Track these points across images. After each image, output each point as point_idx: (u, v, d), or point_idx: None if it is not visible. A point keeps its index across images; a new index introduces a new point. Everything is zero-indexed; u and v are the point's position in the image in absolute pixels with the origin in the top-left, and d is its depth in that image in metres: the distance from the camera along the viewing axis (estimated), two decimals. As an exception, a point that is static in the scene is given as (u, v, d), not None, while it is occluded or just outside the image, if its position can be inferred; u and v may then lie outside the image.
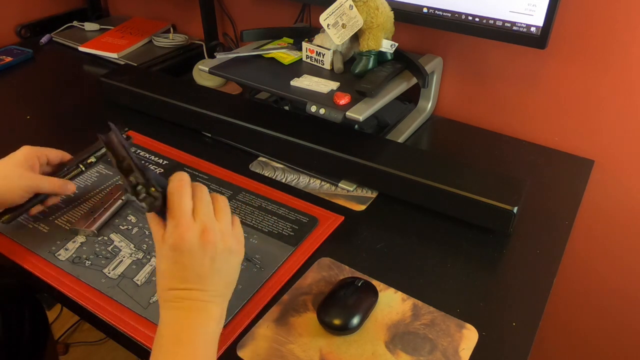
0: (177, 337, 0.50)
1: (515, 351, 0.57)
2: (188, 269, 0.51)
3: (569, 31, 0.84)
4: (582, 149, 0.92)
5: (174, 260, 0.51)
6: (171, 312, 0.51)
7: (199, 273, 0.52)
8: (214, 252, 0.52)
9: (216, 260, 0.52)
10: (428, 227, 0.74)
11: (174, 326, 0.51)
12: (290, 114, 0.92)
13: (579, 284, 1.06)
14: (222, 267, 0.53)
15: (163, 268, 0.52)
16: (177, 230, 0.51)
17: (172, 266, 0.52)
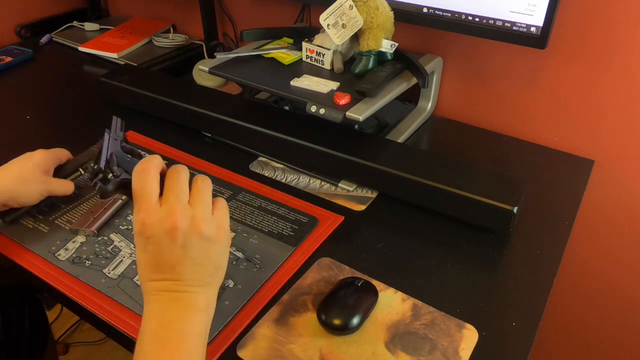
0: (154, 334, 0.47)
1: (515, 351, 0.57)
2: (157, 258, 0.48)
3: (569, 31, 0.84)
4: (582, 149, 0.92)
5: (143, 248, 0.49)
6: (149, 305, 0.49)
7: (169, 261, 0.48)
8: (183, 239, 0.48)
9: (188, 247, 0.48)
10: (428, 227, 0.74)
11: (151, 322, 0.48)
12: (290, 114, 0.92)
13: (579, 284, 1.06)
14: (197, 255, 0.49)
15: (138, 258, 0.50)
16: (138, 217, 0.48)
17: (143, 255, 0.49)
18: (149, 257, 0.49)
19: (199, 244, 0.49)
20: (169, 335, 0.47)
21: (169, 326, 0.47)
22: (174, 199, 0.50)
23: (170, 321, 0.48)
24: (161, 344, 0.47)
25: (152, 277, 0.49)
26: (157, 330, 0.47)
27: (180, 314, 0.48)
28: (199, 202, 0.51)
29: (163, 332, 0.47)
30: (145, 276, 0.50)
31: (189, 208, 0.50)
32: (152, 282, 0.49)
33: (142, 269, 0.50)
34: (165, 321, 0.48)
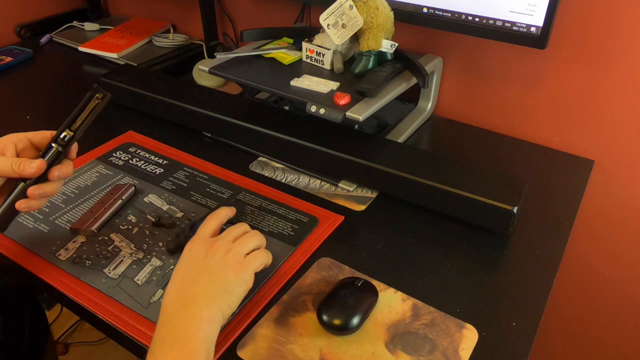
0: (163, 339, 0.51)
1: (515, 351, 0.57)
2: (187, 271, 0.57)
3: (569, 31, 0.84)
4: (582, 149, 0.92)
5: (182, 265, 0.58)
6: (162, 316, 0.54)
7: (192, 275, 0.56)
8: (212, 258, 0.57)
9: (211, 266, 0.57)
10: (428, 227, 0.74)
11: (160, 329, 0.52)
12: (290, 114, 0.92)
13: (579, 283, 1.06)
14: (213, 274, 0.56)
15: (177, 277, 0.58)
16: (193, 238, 0.60)
17: (178, 274, 0.58)
18: (182, 275, 0.57)
19: (219, 264, 0.57)
20: (175, 339, 0.50)
21: (175, 331, 0.51)
22: (225, 235, 0.61)
23: (177, 327, 0.52)
24: (169, 346, 0.50)
25: (175, 289, 0.56)
26: (165, 335, 0.51)
27: (186, 319, 0.52)
28: (241, 242, 0.60)
29: (170, 337, 0.51)
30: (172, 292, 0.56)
31: (230, 243, 0.60)
32: (172, 296, 0.55)
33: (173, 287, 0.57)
34: (171, 327, 0.52)
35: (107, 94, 0.62)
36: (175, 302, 0.54)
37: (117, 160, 0.86)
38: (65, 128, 0.61)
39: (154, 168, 0.85)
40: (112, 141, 0.91)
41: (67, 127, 0.61)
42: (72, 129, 0.61)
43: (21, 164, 0.59)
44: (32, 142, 0.63)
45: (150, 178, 0.82)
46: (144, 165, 0.85)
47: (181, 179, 0.82)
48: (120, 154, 0.88)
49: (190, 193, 0.79)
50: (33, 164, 0.59)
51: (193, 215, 0.74)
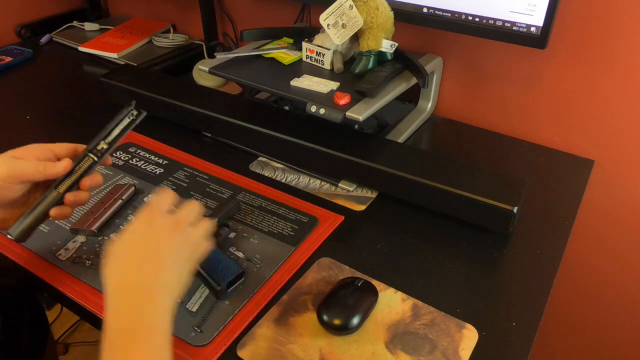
0: (125, 329, 0.49)
1: (515, 351, 0.57)
2: (151, 250, 0.54)
3: (569, 31, 0.84)
4: (582, 149, 0.92)
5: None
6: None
7: (158, 258, 0.54)
8: (176, 243, 0.55)
9: (178, 253, 0.54)
10: (428, 227, 0.74)
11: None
12: (290, 114, 0.92)
13: (579, 283, 1.06)
14: (178, 264, 0.55)
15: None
16: (151, 207, 0.56)
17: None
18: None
19: (184, 255, 0.55)
20: (141, 329, 0.50)
21: (141, 321, 0.51)
22: (185, 217, 0.58)
23: (142, 317, 0.51)
24: (134, 338, 0.49)
25: (136, 265, 0.54)
26: (129, 325, 0.50)
27: (154, 310, 0.52)
28: (198, 231, 0.58)
29: (133, 327, 0.50)
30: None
31: (190, 229, 0.57)
32: (133, 274, 0.54)
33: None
34: (135, 316, 0.51)
35: (142, 112, 0.65)
36: (138, 285, 0.51)
37: (117, 160, 0.86)
38: (101, 140, 0.62)
39: (154, 168, 0.85)
40: (112, 141, 0.91)
41: (103, 139, 0.62)
42: (107, 142, 0.63)
43: (46, 165, 0.59)
44: (54, 152, 0.62)
45: (150, 178, 0.82)
46: (144, 165, 0.85)
47: (181, 179, 0.82)
48: (120, 154, 0.88)
49: (190, 193, 0.79)
50: (59, 164, 0.59)
51: (193, 215, 0.74)
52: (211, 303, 0.61)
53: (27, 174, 0.58)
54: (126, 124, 0.63)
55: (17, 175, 0.57)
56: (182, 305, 0.61)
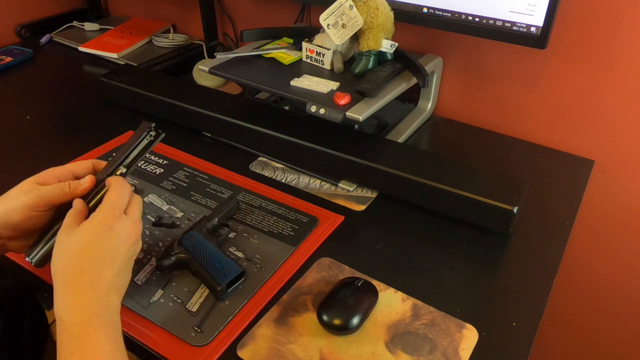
0: (88, 321, 0.50)
1: (515, 351, 0.57)
2: (113, 253, 0.54)
3: (570, 31, 0.84)
4: (582, 149, 0.92)
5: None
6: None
7: (118, 261, 0.55)
8: (131, 247, 0.56)
9: (129, 257, 0.56)
10: (428, 227, 0.74)
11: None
12: (290, 114, 0.92)
13: (579, 283, 1.06)
14: (128, 265, 0.56)
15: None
16: (115, 214, 0.56)
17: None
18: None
19: (131, 255, 0.57)
20: (107, 322, 0.52)
21: (102, 317, 0.52)
22: (134, 214, 0.58)
23: (101, 313, 0.53)
24: (100, 329, 0.51)
25: (96, 265, 0.54)
26: (90, 318, 0.52)
27: (111, 306, 0.54)
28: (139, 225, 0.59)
29: (97, 321, 0.51)
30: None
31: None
32: (94, 271, 0.54)
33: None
34: (96, 311, 0.52)
35: (161, 132, 0.64)
36: (94, 284, 0.51)
37: (117, 160, 0.86)
38: (120, 164, 0.61)
39: (154, 168, 0.85)
40: (112, 141, 0.91)
41: (121, 163, 0.61)
42: (125, 164, 0.61)
43: (72, 184, 0.58)
44: (74, 174, 0.61)
45: (150, 178, 0.82)
46: (144, 165, 0.85)
47: (181, 179, 0.82)
48: (120, 154, 0.88)
49: (190, 193, 0.79)
50: (84, 181, 0.59)
51: (193, 215, 0.74)
52: (211, 303, 0.61)
53: (55, 198, 0.57)
54: (144, 145, 0.62)
55: (46, 201, 0.57)
56: (182, 305, 0.61)
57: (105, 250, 0.53)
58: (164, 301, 0.62)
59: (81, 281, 0.51)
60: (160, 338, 0.58)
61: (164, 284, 0.64)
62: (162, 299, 0.62)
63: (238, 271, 0.63)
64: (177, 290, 0.63)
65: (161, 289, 0.63)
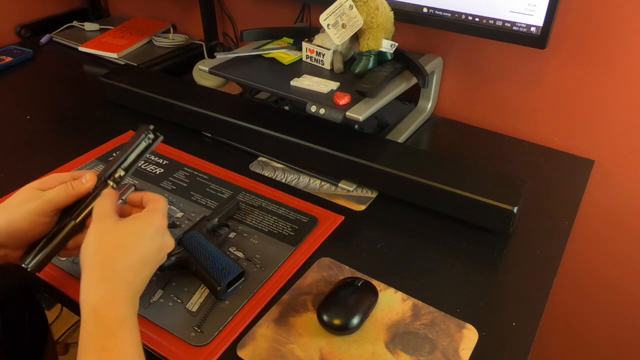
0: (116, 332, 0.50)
1: (515, 351, 0.57)
2: (147, 262, 0.55)
3: (570, 31, 0.84)
4: (582, 149, 0.92)
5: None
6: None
7: (148, 268, 0.55)
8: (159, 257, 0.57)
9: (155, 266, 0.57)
10: (428, 227, 0.74)
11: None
12: (290, 114, 0.92)
13: (579, 283, 1.06)
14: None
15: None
16: (157, 218, 0.56)
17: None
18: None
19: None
20: (135, 326, 0.52)
21: (127, 322, 0.52)
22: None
23: (126, 320, 0.52)
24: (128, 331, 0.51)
25: (133, 272, 0.54)
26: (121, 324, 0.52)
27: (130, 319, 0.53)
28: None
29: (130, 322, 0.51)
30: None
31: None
32: (131, 275, 0.54)
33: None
34: (128, 317, 0.52)
35: (159, 135, 0.63)
36: (131, 283, 0.51)
37: (117, 160, 0.86)
38: (118, 167, 0.60)
39: (154, 168, 0.85)
40: (112, 141, 0.91)
41: (119, 166, 0.60)
42: (124, 168, 0.61)
43: (74, 184, 0.57)
44: (74, 178, 0.59)
45: (150, 178, 0.82)
46: (144, 165, 0.85)
47: (181, 179, 0.82)
48: (120, 154, 0.88)
49: (190, 193, 0.79)
50: (86, 178, 0.58)
51: (193, 215, 0.74)
52: (211, 303, 0.61)
53: (62, 201, 0.56)
54: (142, 148, 0.62)
55: (53, 206, 0.56)
56: (182, 305, 0.61)
57: (148, 252, 0.53)
58: (164, 301, 0.62)
59: (120, 276, 0.50)
60: (160, 338, 0.58)
61: (164, 284, 0.64)
62: (162, 299, 0.62)
63: (238, 271, 0.63)
64: (177, 290, 0.63)
65: (161, 289, 0.63)
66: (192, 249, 0.65)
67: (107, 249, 0.51)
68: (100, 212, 0.54)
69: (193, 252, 0.64)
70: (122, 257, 0.51)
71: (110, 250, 0.51)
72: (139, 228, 0.54)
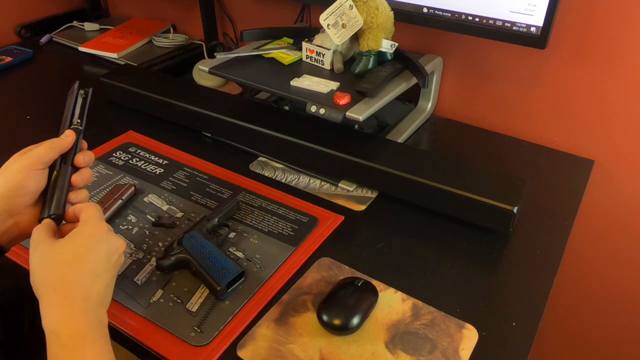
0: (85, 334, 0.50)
1: (515, 351, 0.57)
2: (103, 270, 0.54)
3: (570, 31, 0.84)
4: (582, 149, 0.92)
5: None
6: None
7: (108, 278, 0.55)
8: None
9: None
10: (428, 227, 0.74)
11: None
12: (290, 114, 0.92)
13: (579, 283, 1.06)
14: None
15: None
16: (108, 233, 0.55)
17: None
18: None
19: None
20: (101, 336, 0.52)
21: (97, 329, 0.52)
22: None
23: (96, 326, 0.52)
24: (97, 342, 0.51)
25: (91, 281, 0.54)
26: (88, 331, 0.52)
27: (104, 319, 0.53)
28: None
29: (93, 334, 0.51)
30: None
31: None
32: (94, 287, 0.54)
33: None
34: (93, 324, 0.52)
35: (89, 89, 0.65)
36: (89, 297, 0.51)
37: (117, 160, 0.86)
38: (73, 118, 0.64)
39: (154, 168, 0.85)
40: (112, 141, 0.91)
41: (72, 118, 0.64)
42: (78, 118, 0.64)
43: (56, 140, 0.61)
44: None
45: (150, 178, 0.82)
46: (144, 165, 0.85)
47: (181, 179, 0.82)
48: (120, 154, 0.88)
49: (190, 193, 0.79)
50: (65, 134, 0.62)
51: (193, 215, 0.74)
52: (211, 303, 0.61)
53: (47, 155, 0.59)
54: (81, 102, 0.64)
55: (39, 159, 0.58)
56: (182, 305, 0.61)
57: (97, 262, 0.52)
58: (164, 301, 0.62)
59: (74, 294, 0.50)
60: (160, 338, 0.58)
61: (164, 284, 0.64)
62: (162, 299, 0.62)
63: (238, 271, 0.63)
64: (177, 290, 0.63)
65: (161, 289, 0.63)
66: (192, 249, 0.65)
67: (53, 272, 0.51)
68: (35, 240, 0.53)
69: (193, 252, 0.64)
70: (70, 276, 0.51)
71: (56, 272, 0.51)
72: (78, 243, 0.53)
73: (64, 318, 0.49)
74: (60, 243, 0.53)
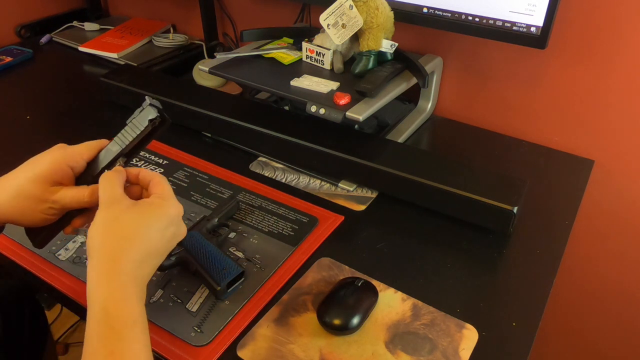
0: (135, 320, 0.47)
1: (515, 351, 0.57)
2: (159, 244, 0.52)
3: (570, 31, 0.84)
4: (582, 149, 0.92)
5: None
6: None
7: (160, 253, 0.52)
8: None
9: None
10: (428, 227, 0.74)
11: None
12: (290, 114, 0.92)
13: (579, 283, 1.06)
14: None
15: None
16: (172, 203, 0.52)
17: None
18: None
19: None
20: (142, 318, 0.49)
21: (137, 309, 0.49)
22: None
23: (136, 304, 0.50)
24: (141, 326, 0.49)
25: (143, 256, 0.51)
26: (137, 317, 0.49)
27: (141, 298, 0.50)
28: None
29: (142, 319, 0.49)
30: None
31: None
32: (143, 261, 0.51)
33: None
34: (140, 306, 0.50)
35: (167, 118, 0.57)
36: (137, 278, 0.48)
37: (117, 160, 0.86)
38: (120, 155, 0.57)
39: (154, 168, 0.85)
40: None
41: (121, 154, 0.57)
42: (126, 154, 0.57)
43: (90, 196, 0.53)
44: (84, 157, 0.58)
45: (150, 178, 0.82)
46: (144, 165, 0.85)
47: (181, 179, 0.82)
48: (120, 154, 0.88)
49: (190, 193, 0.79)
50: (87, 194, 0.54)
51: (193, 215, 0.74)
52: (211, 303, 0.61)
53: (72, 206, 0.54)
54: (146, 133, 0.57)
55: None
56: (182, 305, 0.61)
57: (159, 244, 0.49)
58: (164, 301, 0.62)
59: (133, 271, 0.46)
60: (160, 338, 0.58)
61: (164, 284, 0.64)
62: (162, 299, 0.62)
63: (238, 271, 0.63)
64: (177, 290, 0.63)
65: (161, 289, 0.63)
66: (192, 249, 0.65)
67: (117, 240, 0.47)
68: (110, 196, 0.49)
69: (193, 252, 0.64)
70: (133, 250, 0.47)
71: (121, 241, 0.47)
72: (154, 218, 0.48)
73: (117, 296, 0.45)
74: (135, 210, 0.48)
